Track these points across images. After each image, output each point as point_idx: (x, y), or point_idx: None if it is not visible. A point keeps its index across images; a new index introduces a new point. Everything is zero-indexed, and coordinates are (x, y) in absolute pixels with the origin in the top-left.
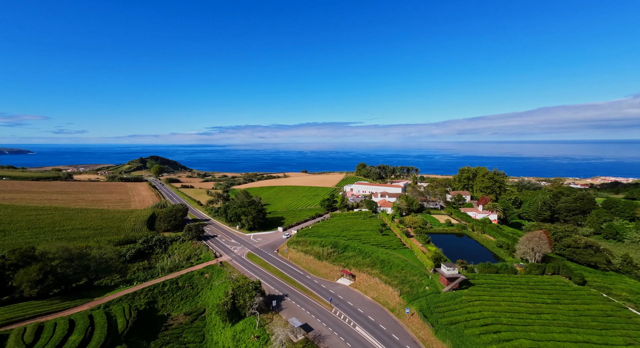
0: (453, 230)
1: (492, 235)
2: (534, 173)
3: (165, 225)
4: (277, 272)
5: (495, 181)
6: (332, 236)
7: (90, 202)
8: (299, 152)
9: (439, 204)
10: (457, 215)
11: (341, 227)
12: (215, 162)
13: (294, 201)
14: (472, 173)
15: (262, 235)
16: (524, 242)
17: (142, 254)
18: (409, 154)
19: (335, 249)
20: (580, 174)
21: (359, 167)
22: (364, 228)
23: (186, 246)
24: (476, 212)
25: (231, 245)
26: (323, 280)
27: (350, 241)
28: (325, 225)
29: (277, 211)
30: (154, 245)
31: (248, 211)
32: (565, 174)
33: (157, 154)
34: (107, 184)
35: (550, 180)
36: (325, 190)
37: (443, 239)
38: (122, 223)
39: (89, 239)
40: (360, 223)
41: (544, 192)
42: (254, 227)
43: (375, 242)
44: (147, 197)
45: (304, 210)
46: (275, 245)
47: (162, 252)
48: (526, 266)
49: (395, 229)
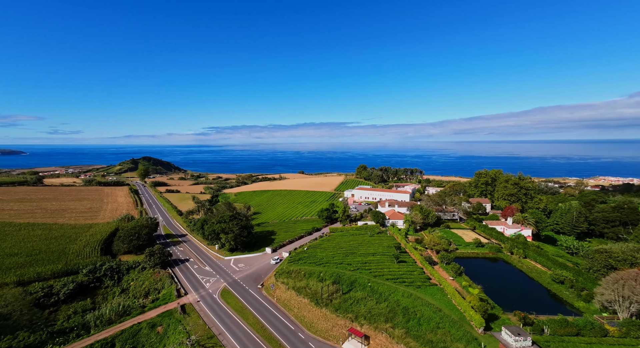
0: (485, 253)
1: (540, 262)
2: (532, 173)
3: (125, 247)
4: (259, 327)
5: (520, 187)
6: (333, 263)
7: (49, 213)
8: (296, 152)
9: (457, 215)
10: (484, 231)
11: (344, 248)
12: (212, 163)
13: (288, 209)
14: (490, 177)
15: (245, 259)
16: (610, 285)
17: (86, 289)
18: (406, 154)
19: (338, 286)
20: (579, 173)
21: (359, 169)
22: (372, 250)
23: (146, 276)
24: (504, 225)
25: (204, 274)
26: (323, 342)
27: (357, 272)
28: (324, 246)
29: (267, 222)
30: (103, 275)
31: (229, 228)
32: (564, 173)
33: (152, 154)
34: (81, 189)
35: (566, 181)
36: (323, 195)
37: (475, 266)
38: (69, 245)
39: (9, 272)
40: (368, 242)
41: (564, 197)
42: (236, 247)
43: (391, 273)
44: (122, 204)
45: (299, 221)
46: (260, 275)
47: (114, 285)
48: (619, 324)
49: (413, 253)
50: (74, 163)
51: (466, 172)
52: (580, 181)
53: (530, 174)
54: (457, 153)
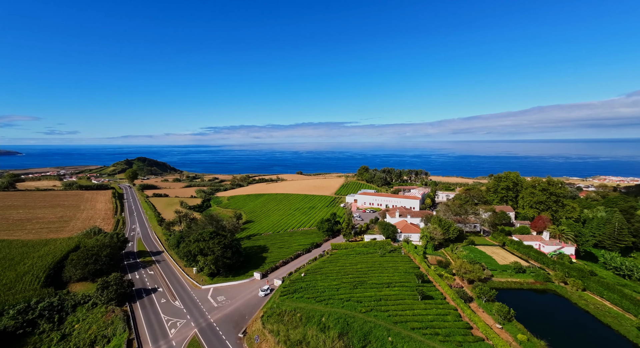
0: (530, 282)
1: (610, 299)
2: (531, 172)
3: (78, 273)
4: None
5: (550, 193)
6: (337, 299)
7: (9, 224)
8: (295, 152)
9: (479, 226)
10: (517, 248)
11: (351, 274)
12: (209, 163)
13: (284, 217)
14: (512, 181)
15: (228, 288)
16: None
17: (10, 339)
18: (405, 153)
19: (347, 341)
20: (580, 173)
21: (361, 170)
22: (387, 278)
23: (95, 316)
24: (540, 241)
25: (171, 314)
26: None
27: (371, 316)
28: (325, 270)
29: (260, 234)
30: (39, 316)
31: (208, 248)
32: (564, 173)
33: (150, 154)
34: (58, 194)
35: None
36: (322, 200)
37: (521, 302)
38: (6, 272)
39: None
40: (379, 265)
41: (588, 202)
42: (218, 271)
43: (417, 318)
44: (100, 211)
45: (295, 233)
46: (244, 314)
47: (52, 329)
48: None
49: (439, 283)
50: (70, 164)
51: (466, 172)
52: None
53: (530, 173)
54: (456, 152)
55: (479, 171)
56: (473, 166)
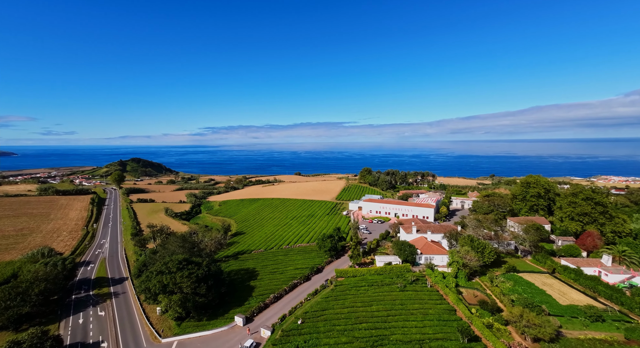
0: (623, 343)
1: None
2: (532, 173)
3: None
4: None
5: (595, 203)
6: None
7: None
8: (293, 152)
9: (514, 244)
10: (573, 278)
11: (364, 321)
12: (207, 164)
13: (279, 227)
14: (543, 187)
15: (197, 342)
16: None
17: None
18: (404, 153)
19: None
20: (581, 173)
21: (363, 173)
22: (416, 331)
23: None
24: (602, 268)
25: None
26: None
27: None
28: (330, 313)
29: (250, 251)
30: None
31: (175, 283)
32: (565, 173)
33: (147, 155)
34: (29, 200)
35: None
36: (323, 207)
37: None
38: None
39: None
40: (401, 306)
41: (619, 208)
42: (188, 313)
43: None
44: (71, 221)
45: (292, 251)
46: None
47: None
48: None
49: (492, 343)
50: (65, 164)
51: (466, 172)
52: (589, 180)
53: (527, 173)
54: (455, 152)
55: (478, 171)
56: (472, 166)
